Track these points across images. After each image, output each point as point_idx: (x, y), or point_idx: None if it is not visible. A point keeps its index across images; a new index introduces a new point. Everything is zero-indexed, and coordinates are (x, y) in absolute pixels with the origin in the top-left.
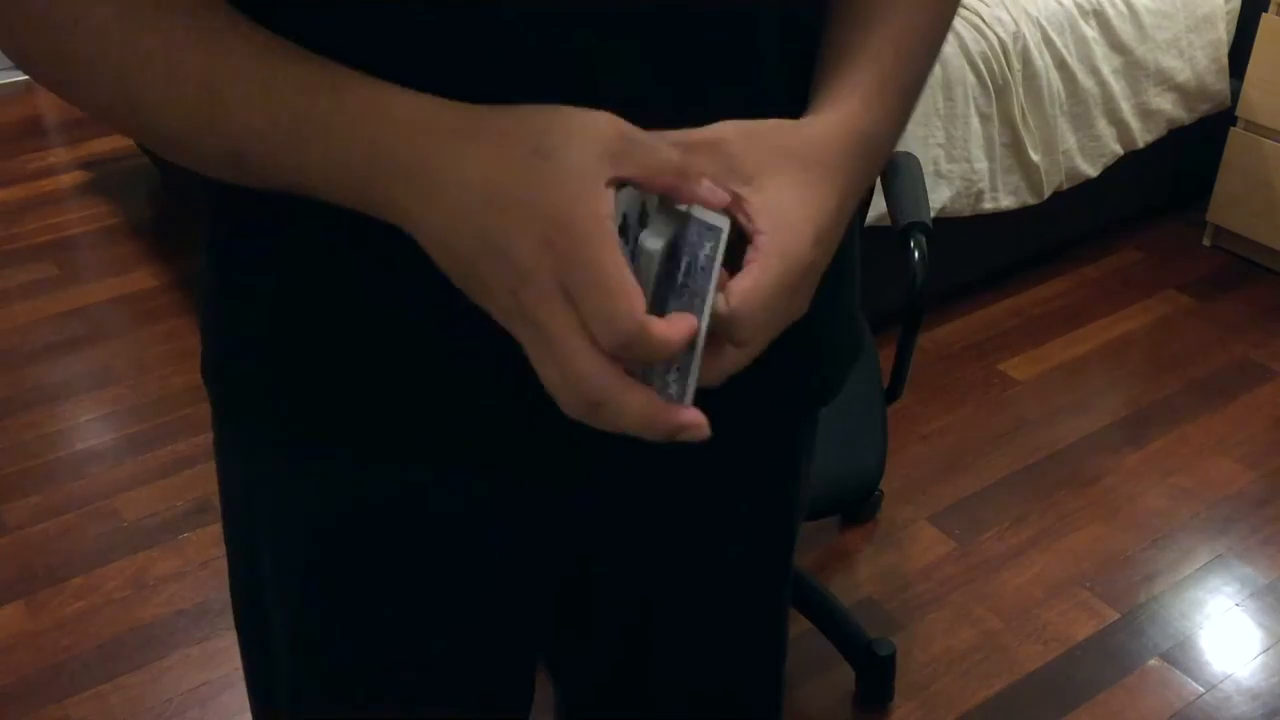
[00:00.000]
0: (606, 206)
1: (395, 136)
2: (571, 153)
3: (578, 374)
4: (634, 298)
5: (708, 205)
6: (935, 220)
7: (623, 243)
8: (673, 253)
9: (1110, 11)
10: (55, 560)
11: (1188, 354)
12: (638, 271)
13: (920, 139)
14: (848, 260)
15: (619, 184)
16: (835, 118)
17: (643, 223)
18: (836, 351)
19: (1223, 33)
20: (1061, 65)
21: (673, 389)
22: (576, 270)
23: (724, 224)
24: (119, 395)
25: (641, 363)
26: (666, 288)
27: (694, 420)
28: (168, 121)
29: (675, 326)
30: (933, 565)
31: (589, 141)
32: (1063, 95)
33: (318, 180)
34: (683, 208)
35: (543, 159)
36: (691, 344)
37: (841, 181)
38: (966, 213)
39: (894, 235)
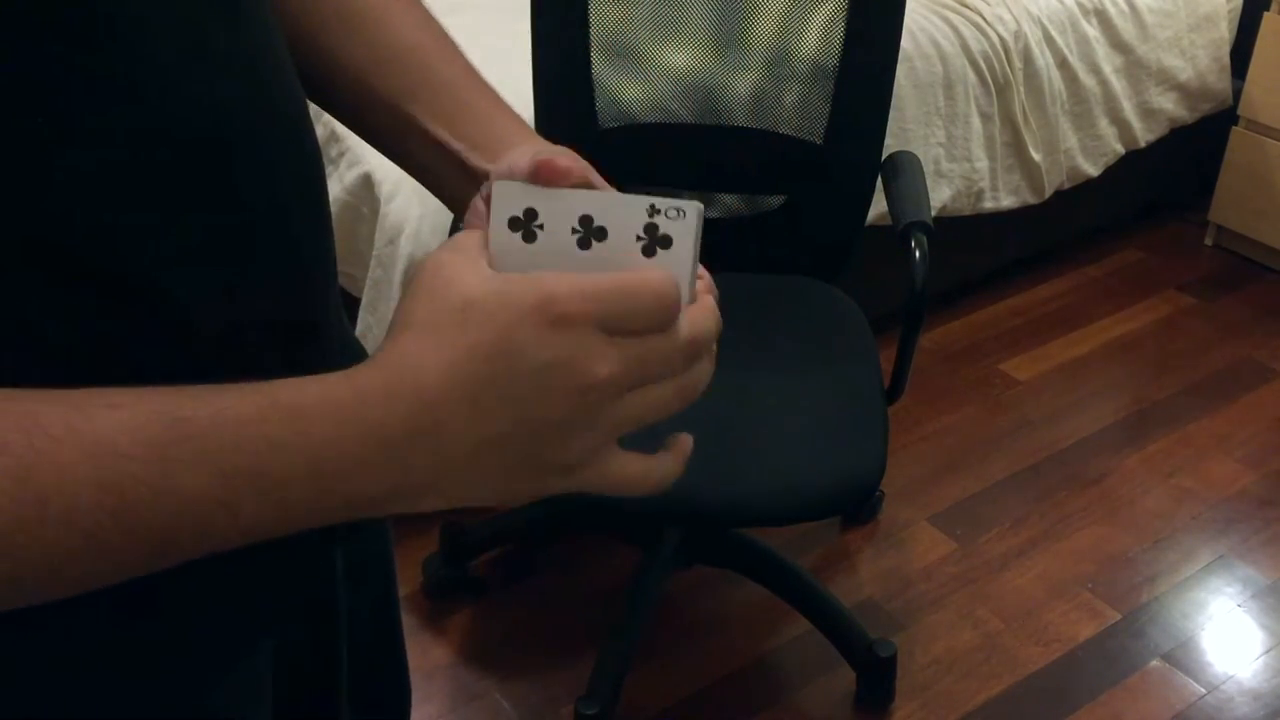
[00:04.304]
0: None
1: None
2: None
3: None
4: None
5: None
6: (935, 219)
7: (521, 235)
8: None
9: (1112, 10)
10: None
11: (1189, 354)
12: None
13: (921, 138)
14: None
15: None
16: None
17: (529, 217)
18: None
19: (1225, 31)
20: (1063, 64)
21: None
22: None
23: (698, 206)
24: None
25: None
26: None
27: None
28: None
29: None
30: (934, 566)
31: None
32: (1064, 94)
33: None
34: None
35: (464, 315)
36: None
37: None
38: (967, 212)
39: (894, 235)
